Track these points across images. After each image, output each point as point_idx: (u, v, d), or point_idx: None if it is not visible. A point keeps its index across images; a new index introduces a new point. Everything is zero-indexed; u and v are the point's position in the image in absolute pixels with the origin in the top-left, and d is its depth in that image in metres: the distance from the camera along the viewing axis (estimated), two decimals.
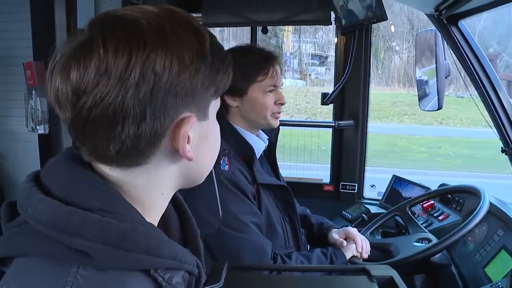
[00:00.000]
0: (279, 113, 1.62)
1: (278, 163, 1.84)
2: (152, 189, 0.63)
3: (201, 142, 0.64)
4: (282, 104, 1.61)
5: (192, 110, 0.60)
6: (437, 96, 1.81)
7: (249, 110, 1.59)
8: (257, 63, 1.55)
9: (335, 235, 1.74)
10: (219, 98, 0.67)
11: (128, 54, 0.53)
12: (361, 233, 1.84)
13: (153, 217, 0.66)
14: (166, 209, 0.70)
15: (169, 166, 0.63)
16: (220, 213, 1.22)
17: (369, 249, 1.70)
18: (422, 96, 1.97)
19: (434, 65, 1.79)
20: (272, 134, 1.76)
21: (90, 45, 0.54)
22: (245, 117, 1.60)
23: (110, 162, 0.59)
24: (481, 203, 1.59)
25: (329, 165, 2.79)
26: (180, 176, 0.66)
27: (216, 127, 0.70)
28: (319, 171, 3.35)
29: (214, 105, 0.66)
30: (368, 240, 1.74)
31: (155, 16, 0.57)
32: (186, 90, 0.57)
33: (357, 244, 1.68)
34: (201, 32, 0.59)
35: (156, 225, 0.67)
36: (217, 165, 1.44)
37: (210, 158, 0.70)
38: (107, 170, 0.60)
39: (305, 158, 3.43)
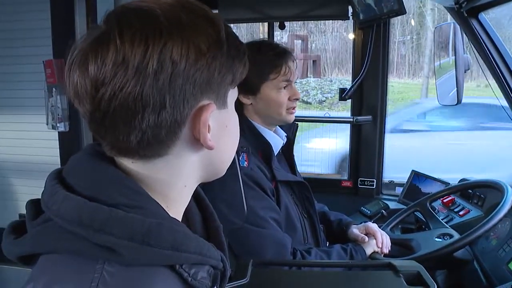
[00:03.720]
0: (294, 108, 1.61)
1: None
2: (174, 181, 0.63)
3: (221, 131, 0.65)
4: (297, 99, 1.60)
5: (211, 97, 0.60)
6: (456, 90, 1.79)
7: (263, 108, 1.58)
8: (270, 60, 1.54)
9: (356, 230, 1.72)
10: (236, 88, 0.67)
11: (144, 44, 0.53)
12: (381, 229, 1.83)
13: (177, 210, 0.66)
14: (188, 204, 0.70)
15: (190, 156, 0.63)
16: (246, 211, 1.22)
17: (390, 244, 1.69)
18: (440, 90, 1.95)
19: (453, 58, 1.77)
20: (290, 131, 1.76)
21: (107, 37, 0.54)
22: (260, 114, 1.60)
23: (132, 155, 0.59)
24: (504, 198, 1.56)
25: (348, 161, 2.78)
26: (201, 166, 0.66)
27: (235, 117, 0.70)
28: None
29: (232, 94, 0.66)
30: (388, 235, 1.72)
31: (170, 7, 0.57)
32: (204, 78, 0.57)
33: (377, 240, 1.67)
34: (216, 21, 0.60)
35: (180, 219, 0.67)
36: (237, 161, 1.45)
37: (230, 147, 0.70)
38: (129, 164, 0.61)
39: None
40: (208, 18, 0.60)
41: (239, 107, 1.56)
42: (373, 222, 2.00)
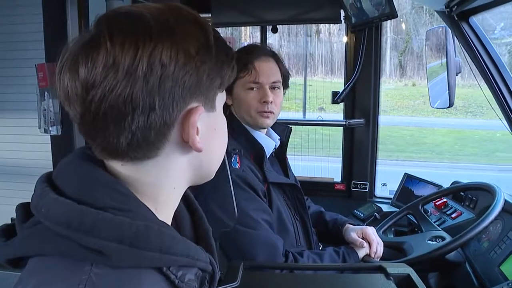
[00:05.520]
0: (267, 112, 1.57)
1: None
2: (163, 183, 0.64)
3: (209, 134, 0.65)
4: (266, 102, 1.55)
5: (200, 100, 0.61)
6: (448, 93, 1.79)
7: (237, 108, 1.59)
8: (238, 59, 1.52)
9: (353, 234, 1.70)
10: (225, 92, 0.68)
11: (135, 47, 0.54)
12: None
13: (166, 213, 0.67)
14: (178, 207, 0.71)
15: (179, 158, 0.64)
16: (236, 213, 1.22)
17: (381, 254, 1.69)
18: (432, 93, 1.96)
19: (445, 61, 1.78)
20: (284, 135, 1.76)
21: (97, 40, 0.55)
22: (238, 115, 1.61)
23: (122, 157, 0.60)
24: (495, 200, 1.57)
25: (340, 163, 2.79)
26: (190, 169, 0.66)
27: (224, 120, 0.71)
28: None
29: (221, 98, 0.67)
30: (381, 238, 1.72)
31: (160, 11, 0.59)
32: (193, 81, 0.58)
33: (371, 249, 1.65)
34: (205, 26, 0.61)
35: (169, 222, 0.68)
36: (228, 163, 1.44)
37: (219, 150, 0.71)
38: (118, 167, 0.61)
39: None
40: (197, 23, 0.61)
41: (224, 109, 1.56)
42: (366, 225, 2.00)
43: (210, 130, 0.65)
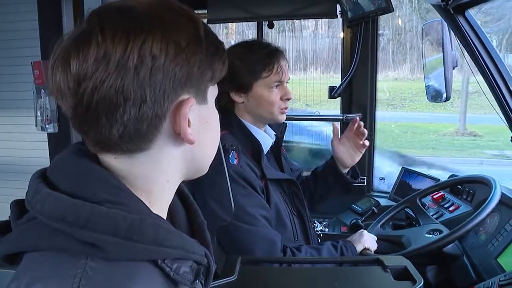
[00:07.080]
0: (286, 108, 1.61)
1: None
2: (157, 176, 0.64)
3: (201, 126, 0.66)
4: (289, 99, 1.60)
5: (191, 92, 0.62)
6: (444, 87, 1.79)
7: (255, 106, 1.58)
8: (262, 59, 1.54)
9: (335, 141, 1.81)
10: (216, 85, 0.69)
11: (125, 39, 0.55)
12: (372, 226, 1.84)
13: (160, 206, 0.67)
14: (172, 201, 0.71)
15: (172, 150, 0.64)
16: (233, 208, 1.22)
17: (375, 246, 1.69)
18: (429, 87, 1.96)
19: (441, 55, 1.78)
20: (279, 131, 1.76)
21: (88, 34, 0.56)
22: (251, 113, 1.60)
23: (115, 149, 0.60)
24: (492, 193, 1.57)
25: None
26: (183, 161, 0.67)
27: (216, 114, 0.71)
28: None
29: (212, 91, 0.68)
30: (379, 232, 1.73)
31: (150, 5, 0.59)
32: (183, 73, 0.59)
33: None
34: (195, 19, 0.62)
35: (164, 215, 0.68)
36: (226, 159, 1.45)
37: (211, 143, 0.71)
38: (112, 161, 0.62)
39: None
40: (187, 16, 0.61)
41: (230, 105, 1.57)
42: (364, 219, 2.01)
43: (202, 122, 0.66)
